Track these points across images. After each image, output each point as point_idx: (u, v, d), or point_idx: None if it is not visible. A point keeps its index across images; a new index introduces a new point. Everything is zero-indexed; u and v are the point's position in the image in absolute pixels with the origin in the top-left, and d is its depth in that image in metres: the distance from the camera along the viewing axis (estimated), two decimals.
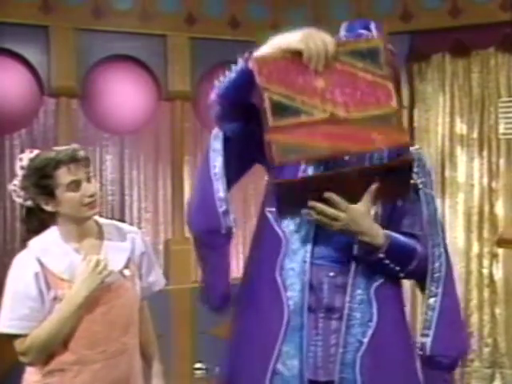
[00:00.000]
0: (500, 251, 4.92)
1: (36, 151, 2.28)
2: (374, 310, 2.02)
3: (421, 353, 2.05)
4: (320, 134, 1.87)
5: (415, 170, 2.08)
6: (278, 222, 2.06)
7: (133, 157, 5.15)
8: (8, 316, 2.16)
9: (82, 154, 2.21)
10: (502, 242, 4.72)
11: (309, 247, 2.02)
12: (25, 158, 2.26)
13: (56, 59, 4.57)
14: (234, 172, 2.15)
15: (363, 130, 1.88)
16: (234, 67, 2.00)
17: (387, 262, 1.99)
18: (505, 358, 4.89)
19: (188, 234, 5.12)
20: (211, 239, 2.10)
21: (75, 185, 2.16)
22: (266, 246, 2.09)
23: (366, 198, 1.94)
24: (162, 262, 4.99)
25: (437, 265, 2.06)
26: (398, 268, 2.02)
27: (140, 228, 5.03)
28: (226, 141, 2.15)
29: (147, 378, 2.40)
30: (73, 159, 2.17)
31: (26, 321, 2.14)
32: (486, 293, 4.97)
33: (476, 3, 4.76)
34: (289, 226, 2.05)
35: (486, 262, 4.98)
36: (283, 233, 2.05)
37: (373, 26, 2.17)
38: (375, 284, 2.02)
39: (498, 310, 4.94)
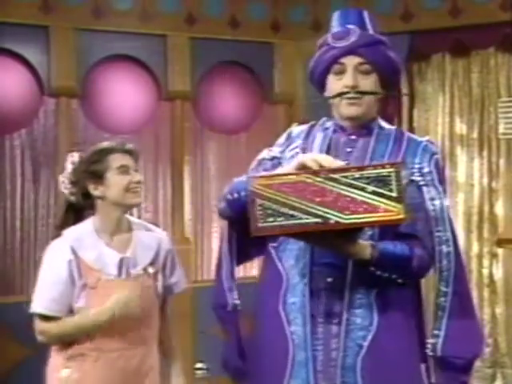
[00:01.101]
0: (500, 251, 4.92)
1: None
2: (375, 315, 1.99)
3: (432, 354, 2.01)
4: (309, 192, 1.75)
5: (417, 166, 2.04)
6: (279, 257, 2.09)
7: None
8: (42, 297, 2.30)
9: (132, 147, 2.39)
10: (501, 242, 4.73)
11: (307, 280, 2.02)
12: (76, 154, 2.42)
13: (56, 59, 4.57)
14: (252, 247, 2.19)
15: (357, 192, 1.74)
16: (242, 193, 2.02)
17: (379, 273, 1.95)
18: (506, 357, 4.89)
19: (188, 234, 5.13)
20: (221, 314, 2.19)
21: (125, 170, 2.33)
22: (269, 281, 2.12)
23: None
24: None
25: (444, 263, 2.00)
26: (394, 276, 1.97)
27: None
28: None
29: (165, 376, 2.49)
30: (125, 150, 2.35)
31: (55, 304, 2.28)
32: (486, 293, 4.97)
33: (476, 3, 4.76)
34: (288, 260, 2.07)
35: (485, 262, 4.98)
36: (283, 268, 2.07)
37: (366, 15, 2.15)
38: (376, 289, 1.99)
39: (498, 310, 4.94)
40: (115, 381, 2.30)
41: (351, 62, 2.05)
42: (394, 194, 1.73)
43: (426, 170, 2.06)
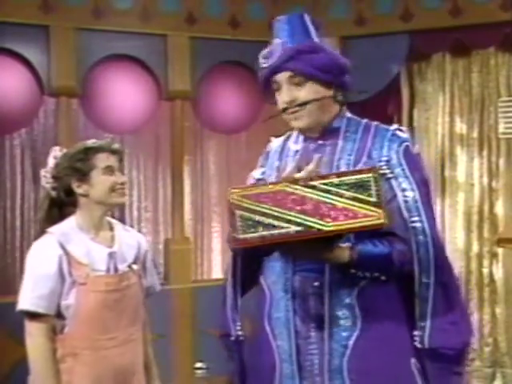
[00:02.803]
0: (500, 251, 4.92)
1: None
2: (358, 315, 1.98)
3: (420, 346, 1.99)
4: (289, 200, 1.73)
5: (384, 158, 2.00)
6: (263, 273, 2.10)
7: (133, 156, 5.15)
8: (29, 295, 2.26)
9: (119, 147, 2.40)
10: (501, 242, 4.72)
11: (289, 295, 2.03)
12: (58, 149, 2.41)
13: (56, 59, 4.57)
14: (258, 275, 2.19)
15: (337, 199, 1.73)
16: None
17: (361, 273, 1.94)
18: (505, 357, 4.88)
19: (188, 234, 5.13)
20: (225, 342, 2.19)
21: (110, 170, 2.33)
22: (257, 297, 2.14)
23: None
24: (161, 261, 4.99)
25: (423, 253, 1.96)
26: (377, 274, 1.95)
27: (140, 227, 5.04)
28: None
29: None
30: (111, 149, 2.35)
31: (43, 300, 2.24)
32: (486, 292, 4.97)
33: (476, 3, 4.75)
34: (270, 276, 2.08)
35: (485, 262, 4.98)
36: (266, 284, 2.09)
37: (307, 19, 2.15)
38: (357, 288, 1.97)
39: (498, 310, 4.94)
40: (107, 379, 2.29)
41: (283, 77, 2.05)
42: (373, 199, 1.73)
43: (394, 161, 2.01)
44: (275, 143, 2.26)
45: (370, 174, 1.75)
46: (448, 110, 5.07)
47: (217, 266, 5.38)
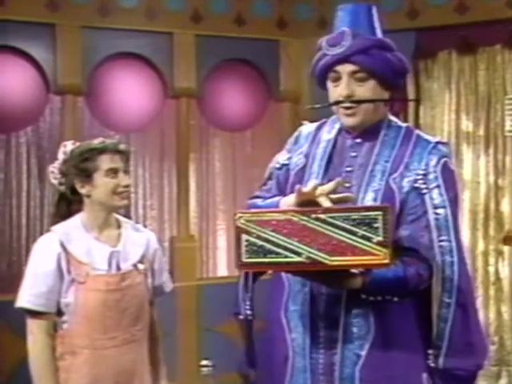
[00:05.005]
0: (506, 249, 4.91)
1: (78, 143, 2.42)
2: (372, 324, 1.95)
3: (433, 365, 1.97)
4: (295, 230, 1.73)
5: (421, 172, 1.97)
6: None
7: (138, 154, 5.16)
8: (27, 292, 2.28)
9: (124, 147, 2.37)
10: (507, 240, 4.71)
11: (307, 289, 2.00)
12: (69, 144, 2.39)
13: (62, 57, 4.58)
14: None
15: (343, 234, 1.71)
16: None
17: (373, 298, 1.92)
18: (511, 355, 4.87)
19: (193, 232, 5.13)
20: (238, 321, 2.16)
21: (113, 172, 2.30)
22: (274, 288, 2.11)
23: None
24: (167, 259, 4.99)
25: (448, 273, 1.93)
26: (389, 297, 1.93)
27: (145, 225, 5.04)
28: None
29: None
30: (117, 150, 2.32)
31: (42, 298, 2.25)
32: (492, 291, 4.96)
33: (482, 0, 4.74)
34: None
35: (491, 260, 4.97)
36: (286, 276, 2.05)
37: (374, 12, 2.08)
38: (373, 298, 1.94)
39: (503, 308, 4.93)
40: (106, 379, 2.28)
41: (345, 69, 1.98)
42: (380, 238, 1.70)
43: (431, 176, 1.97)
44: (306, 128, 2.19)
45: (379, 213, 1.71)
46: (454, 108, 5.05)
47: (222, 263, 5.38)
